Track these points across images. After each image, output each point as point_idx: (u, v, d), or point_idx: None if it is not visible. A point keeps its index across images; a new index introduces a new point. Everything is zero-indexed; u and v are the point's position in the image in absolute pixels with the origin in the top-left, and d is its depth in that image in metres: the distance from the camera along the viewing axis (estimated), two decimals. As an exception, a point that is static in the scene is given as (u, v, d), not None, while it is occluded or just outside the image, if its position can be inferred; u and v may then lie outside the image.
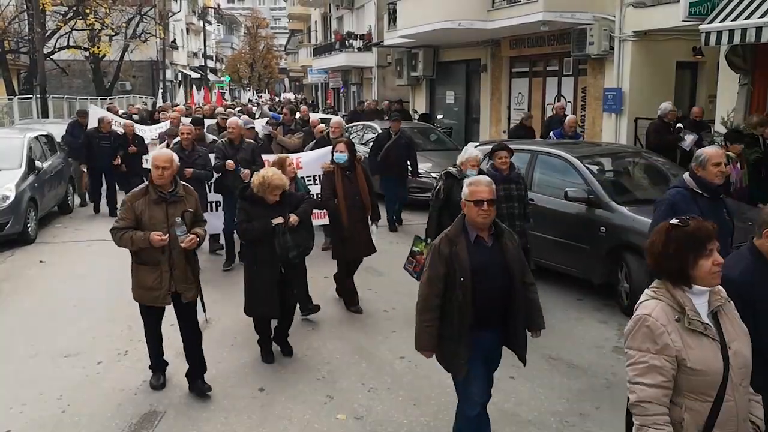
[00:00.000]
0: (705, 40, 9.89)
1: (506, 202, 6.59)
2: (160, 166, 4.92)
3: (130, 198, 5.02)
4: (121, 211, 5.04)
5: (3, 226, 9.92)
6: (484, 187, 3.87)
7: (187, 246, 4.93)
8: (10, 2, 26.45)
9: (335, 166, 7.00)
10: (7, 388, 5.41)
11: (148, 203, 4.96)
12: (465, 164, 6.52)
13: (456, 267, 3.79)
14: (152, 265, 5.04)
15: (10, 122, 20.23)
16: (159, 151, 5.20)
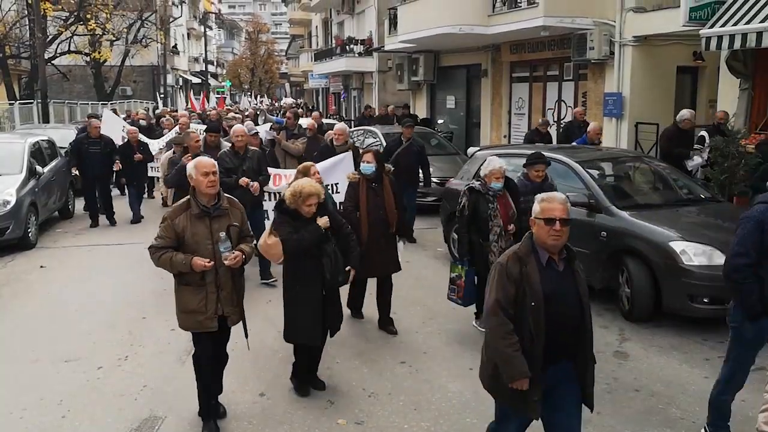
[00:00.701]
0: (705, 45, 9.91)
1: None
2: (209, 172, 4.47)
3: (170, 214, 4.54)
4: (161, 229, 4.53)
5: (3, 231, 9.92)
6: (557, 204, 3.46)
7: (231, 264, 4.47)
8: (12, 7, 26.51)
9: (361, 177, 6.55)
10: (8, 393, 5.40)
11: (190, 219, 4.49)
12: (489, 177, 6.27)
13: (526, 290, 3.39)
14: (197, 286, 4.56)
15: (11, 127, 20.29)
16: (200, 158, 4.63)
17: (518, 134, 17.43)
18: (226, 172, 7.59)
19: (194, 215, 4.50)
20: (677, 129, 10.14)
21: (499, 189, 6.30)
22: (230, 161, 7.88)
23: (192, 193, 4.55)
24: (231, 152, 8.07)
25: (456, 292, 6.45)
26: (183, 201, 4.59)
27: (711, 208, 7.78)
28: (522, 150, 9.80)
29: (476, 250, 6.35)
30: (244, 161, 7.99)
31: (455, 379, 5.59)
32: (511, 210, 6.37)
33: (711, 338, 6.38)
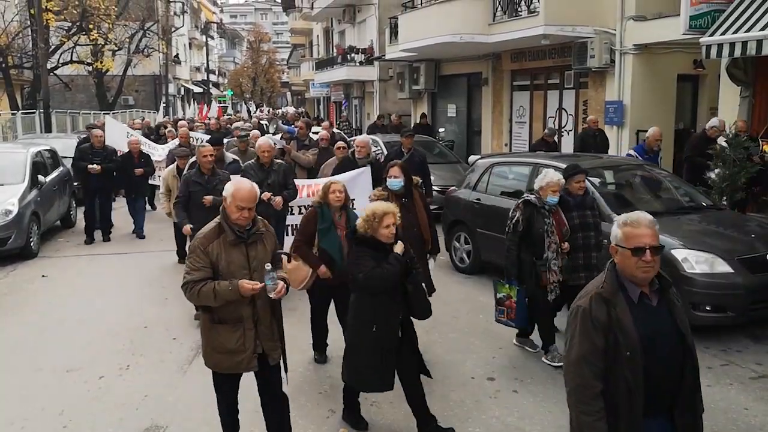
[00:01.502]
0: (706, 53, 9.93)
1: (582, 231, 6.14)
2: (245, 207, 3.97)
3: (201, 241, 4.01)
4: (192, 259, 4.00)
5: (5, 241, 9.94)
6: (645, 229, 2.89)
7: (276, 296, 4.04)
8: (14, 18, 26.64)
9: (388, 194, 6.00)
10: (9, 403, 5.40)
11: (224, 246, 4.00)
12: (545, 190, 5.92)
13: (619, 338, 2.81)
14: (233, 323, 4.07)
15: (14, 137, 20.37)
16: (241, 185, 4.06)
17: (519, 142, 17.45)
18: None
19: (229, 242, 4.01)
20: (704, 137, 9.89)
21: (555, 203, 6.00)
22: (255, 174, 7.49)
23: (224, 215, 4.06)
24: (256, 165, 7.78)
25: (506, 313, 6.02)
26: (214, 225, 4.07)
27: (712, 215, 7.77)
28: (526, 158, 9.83)
29: (526, 269, 5.98)
30: (269, 175, 7.70)
31: (456, 388, 5.58)
32: (564, 227, 6.07)
33: (713, 346, 6.36)
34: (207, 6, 63.45)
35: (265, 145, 7.89)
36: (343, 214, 5.74)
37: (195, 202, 7.21)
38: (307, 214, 5.90)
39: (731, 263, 6.40)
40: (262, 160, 7.77)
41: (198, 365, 6.10)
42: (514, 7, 14.82)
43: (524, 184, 8.50)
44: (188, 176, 7.51)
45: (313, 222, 5.68)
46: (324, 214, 5.63)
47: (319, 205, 5.70)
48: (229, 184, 4.12)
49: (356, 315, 4.68)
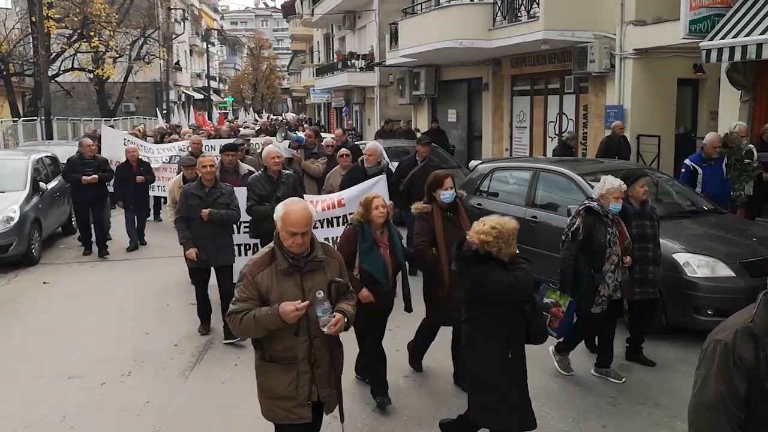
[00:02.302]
0: (705, 57, 9.95)
1: (639, 242, 5.80)
2: (298, 232, 3.48)
3: (250, 269, 3.54)
4: (240, 289, 3.55)
5: (7, 248, 9.94)
6: None
7: (331, 332, 3.51)
8: (16, 25, 26.74)
9: (434, 207, 5.52)
10: (11, 410, 5.39)
11: (276, 275, 3.52)
12: (607, 197, 5.53)
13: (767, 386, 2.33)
14: (286, 363, 3.57)
15: (15, 144, 20.39)
16: (292, 207, 3.54)
17: (520, 147, 17.47)
18: (258, 200, 7.00)
19: (282, 271, 3.53)
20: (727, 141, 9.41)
21: (618, 211, 5.59)
22: (263, 187, 7.07)
23: (277, 241, 3.59)
24: (264, 177, 7.18)
25: (548, 320, 5.49)
26: (265, 252, 3.61)
27: (714, 219, 7.77)
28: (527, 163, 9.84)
29: (583, 282, 5.51)
30: (278, 187, 7.09)
31: (459, 393, 5.57)
32: (626, 239, 5.67)
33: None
34: (208, 13, 63.62)
35: (274, 153, 7.28)
36: (386, 231, 5.26)
37: (195, 217, 6.72)
38: (345, 233, 5.41)
39: (733, 267, 6.40)
40: (270, 170, 7.19)
41: (199, 372, 6.12)
42: (514, 12, 14.85)
43: (525, 189, 8.51)
44: (187, 189, 6.93)
45: (353, 241, 5.19)
46: (365, 233, 5.16)
47: (359, 223, 5.19)
48: (279, 206, 3.59)
49: (482, 343, 4.15)
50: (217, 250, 6.84)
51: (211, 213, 6.67)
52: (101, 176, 10.88)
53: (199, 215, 6.67)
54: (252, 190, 7.11)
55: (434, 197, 5.55)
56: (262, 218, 6.87)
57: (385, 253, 5.19)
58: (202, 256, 6.74)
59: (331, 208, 7.61)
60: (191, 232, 6.73)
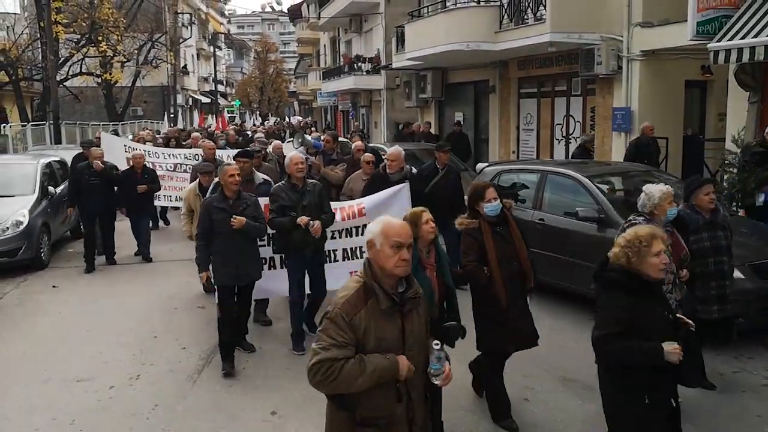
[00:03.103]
0: (713, 59, 9.91)
1: (714, 256, 5.31)
2: (405, 243, 2.97)
3: (346, 308, 2.90)
4: (330, 332, 2.89)
5: (16, 252, 9.99)
6: None
7: (445, 384, 3.07)
8: (25, 30, 26.93)
9: (480, 221, 5.02)
10: (20, 414, 5.42)
11: (375, 316, 2.92)
12: (662, 206, 4.91)
13: None
14: (384, 426, 2.97)
15: (24, 148, 20.50)
16: (388, 218, 3.09)
17: (526, 150, 17.44)
18: (281, 210, 6.42)
19: (382, 310, 2.93)
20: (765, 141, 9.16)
21: (673, 217, 5.04)
22: (287, 197, 6.47)
23: (371, 272, 2.99)
24: (287, 186, 6.58)
25: None
26: (356, 287, 2.97)
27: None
28: (533, 166, 9.82)
29: None
30: (304, 196, 6.51)
31: (466, 398, 5.56)
32: (683, 251, 5.09)
33: (724, 353, 6.31)
34: (214, 17, 63.83)
35: (297, 160, 6.60)
36: (432, 249, 4.65)
37: (221, 231, 6.09)
38: None
39: (741, 269, 6.36)
40: (294, 178, 6.58)
41: (207, 375, 6.14)
42: (520, 14, 14.85)
43: (532, 192, 8.50)
44: (209, 202, 6.31)
45: None
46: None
47: None
48: (371, 224, 3.08)
49: (618, 388, 3.55)
50: (247, 265, 6.28)
51: (248, 224, 6.13)
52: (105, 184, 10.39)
53: (225, 230, 6.05)
54: (275, 200, 6.52)
55: (477, 211, 5.05)
56: (287, 230, 6.42)
57: (432, 275, 4.56)
58: (229, 274, 6.13)
59: (351, 217, 7.23)
60: (216, 247, 6.12)
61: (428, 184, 8.57)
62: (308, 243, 6.37)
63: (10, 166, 12.14)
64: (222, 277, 6.15)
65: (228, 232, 6.04)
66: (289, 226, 6.34)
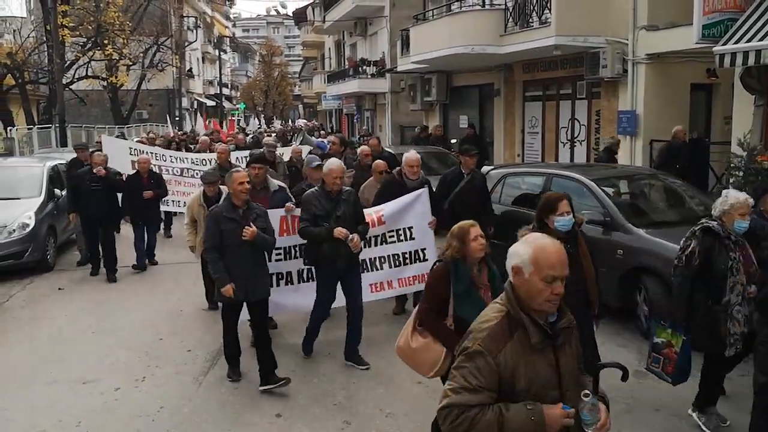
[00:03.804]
0: (719, 62, 9.89)
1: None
2: (559, 276, 2.50)
3: (487, 344, 2.45)
4: (467, 372, 2.46)
5: (23, 254, 10.03)
6: None
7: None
8: (31, 34, 27.03)
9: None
10: (26, 415, 5.43)
11: (522, 350, 2.48)
12: (731, 213, 4.69)
13: None
14: None
15: (30, 151, 20.60)
16: (543, 242, 2.56)
17: (531, 153, 17.43)
18: (314, 220, 6.02)
19: (533, 345, 2.49)
20: None
21: (744, 229, 4.75)
22: (320, 205, 6.06)
23: (514, 299, 2.54)
24: (321, 193, 6.14)
25: (661, 363, 4.81)
26: (498, 318, 2.52)
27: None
28: (538, 169, 9.82)
29: (699, 314, 4.72)
30: (338, 205, 6.10)
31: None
32: (752, 266, 4.78)
33: (731, 357, 6.29)
34: (220, 20, 64.04)
35: (338, 170, 6.11)
36: (484, 268, 4.32)
37: (231, 243, 5.65)
38: (435, 273, 4.40)
39: None
40: (330, 186, 6.11)
41: (213, 377, 6.15)
42: (525, 18, 14.85)
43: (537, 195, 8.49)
44: (217, 212, 5.80)
45: (445, 282, 4.25)
46: (459, 271, 4.21)
47: (452, 260, 4.26)
48: (518, 245, 2.60)
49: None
50: (255, 281, 5.80)
51: (258, 235, 5.66)
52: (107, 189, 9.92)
53: (234, 241, 5.62)
54: (307, 208, 6.10)
55: (547, 224, 4.56)
56: (320, 241, 6.06)
57: (486, 296, 4.17)
58: (238, 289, 5.67)
59: (370, 226, 6.75)
60: (227, 261, 5.70)
61: (452, 190, 8.08)
62: (341, 255, 6.02)
63: (17, 168, 12.19)
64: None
65: (237, 244, 5.61)
66: (322, 237, 5.98)
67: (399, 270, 7.25)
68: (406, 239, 7.24)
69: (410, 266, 7.27)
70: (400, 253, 7.22)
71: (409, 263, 7.27)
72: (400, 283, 7.24)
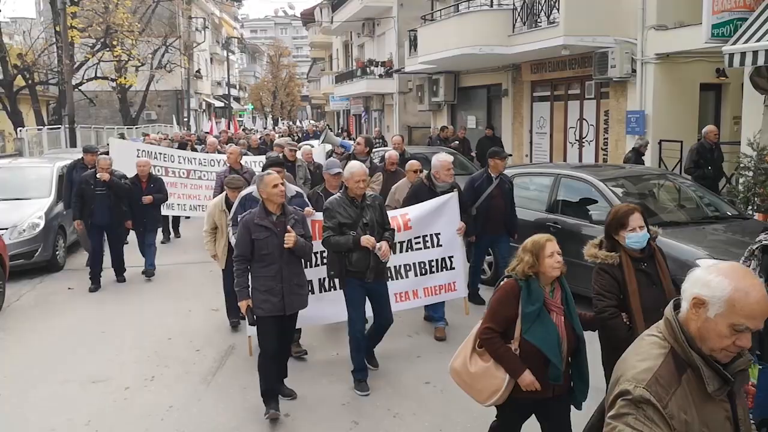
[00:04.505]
0: (728, 62, 9.85)
1: None
2: (755, 329, 2.06)
3: (652, 388, 2.04)
4: (631, 422, 2.02)
5: (32, 254, 10.09)
6: None
7: None
8: (40, 35, 27.21)
9: (622, 255, 4.08)
10: (37, 414, 5.46)
11: (693, 398, 2.09)
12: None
13: None
14: None
15: (40, 152, 20.71)
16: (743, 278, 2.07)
17: (540, 153, 17.41)
18: (339, 229, 5.59)
19: (710, 393, 2.10)
20: None
21: None
22: (345, 213, 5.63)
23: (683, 336, 2.14)
24: (345, 200, 5.70)
25: None
26: (662, 355, 2.13)
27: (738, 225, 7.67)
28: (547, 169, 9.80)
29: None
30: (364, 211, 5.69)
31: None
32: None
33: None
34: (228, 21, 64.20)
35: (360, 173, 5.67)
36: (557, 288, 3.85)
37: (265, 252, 5.14)
38: (503, 290, 3.89)
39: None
40: (353, 191, 5.68)
41: (221, 377, 6.17)
42: (533, 18, 14.84)
43: (546, 195, 8.48)
44: (249, 219, 5.23)
45: (514, 302, 3.78)
46: (531, 291, 3.75)
47: (524, 277, 3.78)
48: (712, 275, 2.10)
49: None
50: (293, 293, 5.26)
51: (299, 242, 5.17)
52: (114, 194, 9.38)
53: (269, 250, 5.12)
54: (331, 216, 5.63)
55: (617, 242, 4.12)
56: (346, 250, 5.60)
57: (558, 320, 3.77)
58: (274, 303, 5.15)
59: (396, 231, 6.29)
60: (257, 271, 5.20)
61: (479, 195, 7.71)
62: (369, 266, 5.62)
63: (27, 169, 12.27)
64: (265, 306, 5.13)
65: (273, 253, 5.11)
66: (349, 247, 5.55)
67: (425, 279, 6.88)
68: (433, 246, 6.88)
69: (436, 275, 6.91)
70: (426, 260, 6.85)
71: (436, 271, 6.91)
72: (425, 293, 6.88)
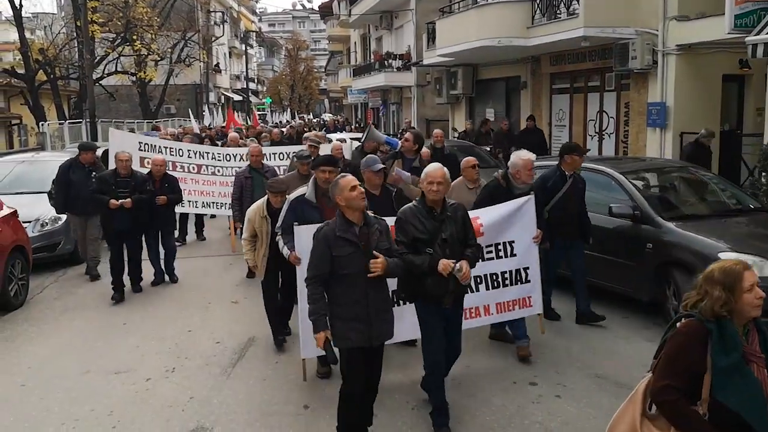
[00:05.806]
0: (752, 53, 9.71)
1: None
2: None
3: None
4: None
5: (56, 246, 10.23)
6: None
7: None
8: (61, 30, 27.49)
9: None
10: (60, 405, 5.54)
11: None
12: None
13: None
14: None
15: (61, 146, 20.96)
16: None
17: (559, 146, 17.18)
18: (413, 245, 4.62)
19: None
20: None
21: None
22: (420, 225, 4.65)
23: None
24: (421, 210, 4.70)
25: None
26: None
27: (760, 218, 7.58)
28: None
29: None
30: (444, 224, 4.69)
31: (499, 392, 5.55)
32: None
33: (763, 352, 6.19)
34: (246, 15, 64.42)
35: (436, 174, 4.69)
36: (753, 330, 3.06)
37: (346, 272, 4.29)
38: (684, 335, 3.05)
39: None
40: (429, 198, 4.70)
41: (241, 368, 6.23)
42: (553, 9, 14.72)
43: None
44: (328, 232, 4.33)
45: (701, 350, 2.94)
46: (726, 336, 2.93)
47: (714, 318, 2.95)
48: None
49: None
50: (380, 321, 4.42)
51: (389, 266, 4.31)
52: (135, 199, 8.54)
53: (352, 269, 4.27)
54: (404, 228, 4.68)
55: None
56: (421, 273, 4.63)
57: (762, 373, 2.93)
58: (358, 331, 4.32)
59: None
60: (336, 296, 4.37)
61: (552, 197, 6.96)
62: (448, 291, 4.68)
63: (49, 163, 12.37)
64: (352, 336, 4.32)
65: (357, 272, 4.27)
66: (423, 270, 4.60)
67: (497, 293, 6.09)
68: (506, 256, 6.09)
69: (510, 288, 6.12)
70: (499, 272, 6.05)
71: (509, 285, 6.12)
72: (498, 309, 6.09)
